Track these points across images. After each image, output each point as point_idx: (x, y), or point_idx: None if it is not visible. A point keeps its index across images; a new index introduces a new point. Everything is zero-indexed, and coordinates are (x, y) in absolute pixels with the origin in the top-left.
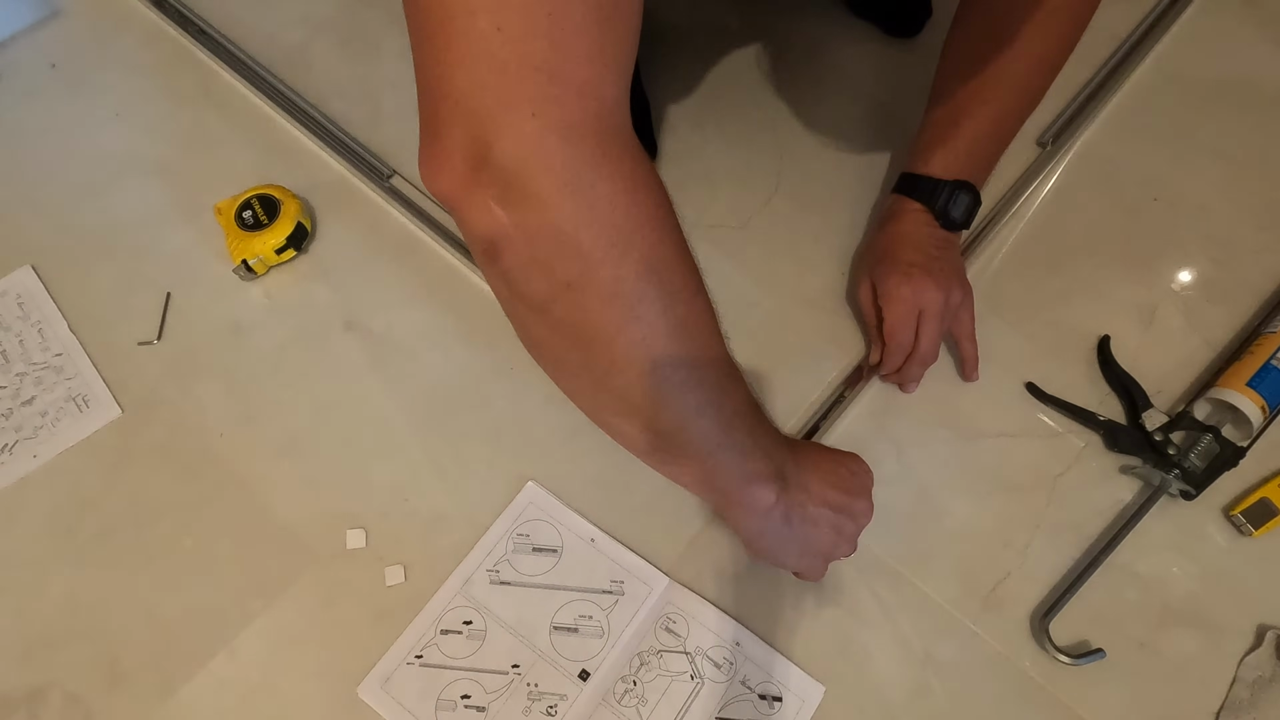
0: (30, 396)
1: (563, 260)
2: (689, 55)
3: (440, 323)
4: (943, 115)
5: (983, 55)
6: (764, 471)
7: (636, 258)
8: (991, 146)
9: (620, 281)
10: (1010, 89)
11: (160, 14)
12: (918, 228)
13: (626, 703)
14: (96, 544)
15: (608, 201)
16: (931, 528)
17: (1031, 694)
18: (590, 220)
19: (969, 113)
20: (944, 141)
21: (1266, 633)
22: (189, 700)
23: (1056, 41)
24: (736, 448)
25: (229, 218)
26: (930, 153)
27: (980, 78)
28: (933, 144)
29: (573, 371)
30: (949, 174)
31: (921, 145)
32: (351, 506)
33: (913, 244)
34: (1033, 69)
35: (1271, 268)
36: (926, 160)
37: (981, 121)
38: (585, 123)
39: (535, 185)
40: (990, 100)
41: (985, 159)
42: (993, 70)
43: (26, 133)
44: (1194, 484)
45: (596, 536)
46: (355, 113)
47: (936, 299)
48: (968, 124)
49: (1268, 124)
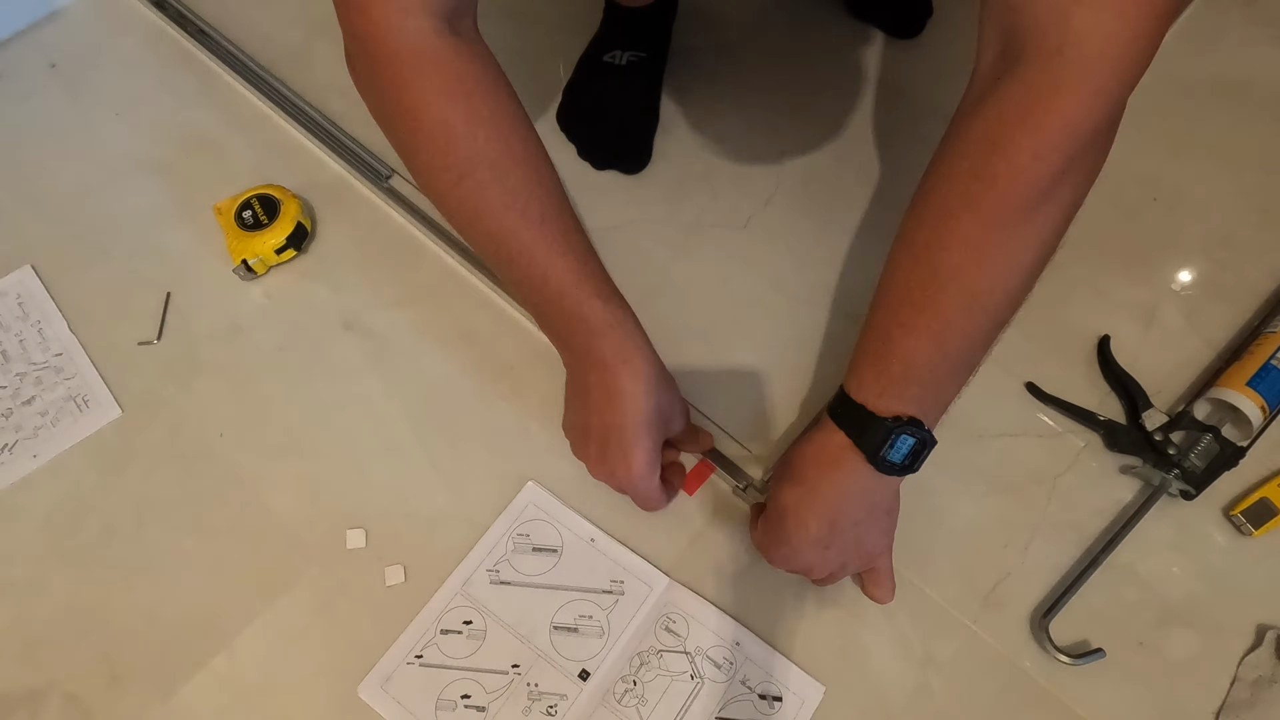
0: (30, 396)
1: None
2: (689, 56)
3: (440, 323)
4: (876, 322)
5: (913, 246)
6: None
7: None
8: (935, 371)
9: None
10: (945, 288)
11: (160, 14)
12: (847, 475)
13: (626, 703)
14: (96, 544)
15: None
16: (931, 528)
17: (1031, 694)
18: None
19: (901, 322)
20: (876, 359)
21: (1266, 633)
22: (189, 700)
23: (990, 225)
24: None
25: (229, 218)
26: (862, 373)
27: (911, 277)
28: (866, 361)
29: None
30: (885, 405)
31: (855, 359)
32: (351, 506)
33: (835, 503)
34: (966, 261)
35: (1271, 268)
36: (859, 382)
37: (918, 334)
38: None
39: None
40: (923, 307)
41: (929, 386)
42: (924, 267)
43: (26, 133)
44: (1194, 484)
45: (596, 536)
46: (355, 113)
47: (833, 568)
48: (900, 337)
49: (1268, 124)
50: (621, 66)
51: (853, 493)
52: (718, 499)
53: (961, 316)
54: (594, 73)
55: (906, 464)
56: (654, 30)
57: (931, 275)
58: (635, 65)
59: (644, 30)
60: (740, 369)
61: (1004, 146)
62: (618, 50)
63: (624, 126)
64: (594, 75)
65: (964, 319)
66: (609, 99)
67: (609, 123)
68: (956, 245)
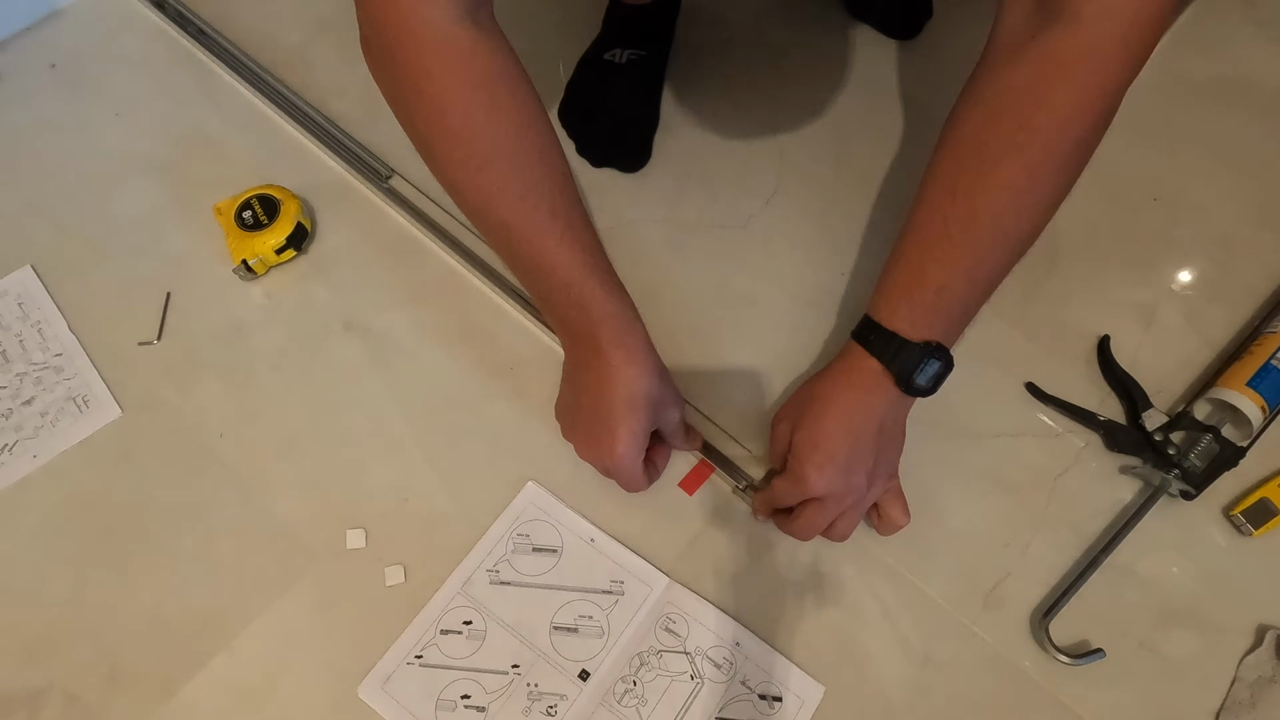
0: (30, 396)
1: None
2: (689, 56)
3: (440, 323)
4: (910, 256)
5: (954, 187)
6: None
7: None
8: (964, 300)
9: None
10: (985, 228)
11: (160, 14)
12: (874, 397)
13: (626, 703)
14: (96, 544)
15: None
16: (931, 528)
17: (1031, 694)
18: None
19: (936, 256)
20: (910, 289)
21: (1266, 633)
22: (189, 700)
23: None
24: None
25: (229, 218)
26: (895, 302)
27: (950, 215)
28: (897, 290)
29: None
30: (917, 332)
31: (885, 289)
32: (351, 506)
33: (860, 424)
34: (1008, 204)
35: (1271, 268)
36: (891, 310)
37: (952, 269)
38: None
39: None
40: (960, 243)
41: (957, 314)
42: (963, 207)
43: (26, 133)
44: (1194, 484)
45: (596, 536)
46: (355, 113)
47: (860, 493)
48: (935, 270)
49: (1268, 124)
50: (621, 65)
51: (877, 414)
52: (718, 499)
53: (994, 253)
54: (594, 70)
55: (930, 387)
56: (655, 29)
57: (971, 215)
58: (635, 63)
59: (644, 29)
60: (740, 369)
61: (1047, 100)
62: (618, 48)
63: (622, 125)
64: (594, 73)
65: (996, 255)
66: (608, 97)
67: (607, 121)
68: (998, 190)
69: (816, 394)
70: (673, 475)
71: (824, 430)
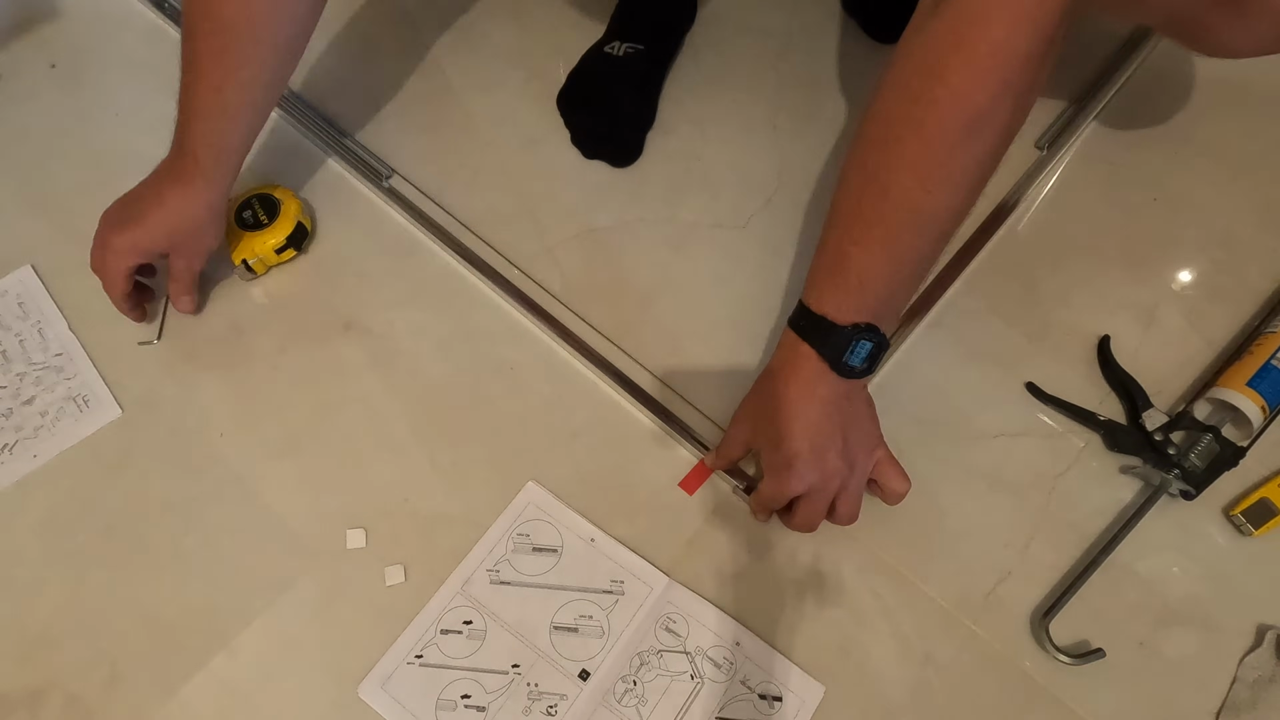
0: (30, 396)
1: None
2: (690, 56)
3: (440, 323)
4: (830, 239)
5: (864, 164)
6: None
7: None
8: (888, 280)
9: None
10: (895, 206)
11: (160, 14)
12: (818, 385)
13: (626, 703)
14: (96, 544)
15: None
16: (931, 528)
17: (1031, 694)
18: None
19: (855, 238)
20: (833, 272)
21: (1266, 633)
22: (189, 700)
23: (933, 145)
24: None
25: (229, 218)
26: (820, 286)
27: (863, 194)
28: (821, 274)
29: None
30: (844, 315)
31: (812, 273)
32: (351, 506)
33: (813, 412)
34: (913, 181)
35: (1271, 268)
36: (819, 295)
37: (870, 249)
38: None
39: None
40: (874, 222)
41: (884, 295)
42: (874, 185)
43: (26, 133)
44: (1194, 484)
45: (596, 536)
46: (355, 113)
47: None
48: (856, 253)
49: (1267, 124)
50: (619, 58)
51: (827, 399)
52: (718, 499)
53: (910, 232)
54: (594, 61)
55: (865, 368)
56: (656, 25)
57: (881, 194)
58: (633, 57)
59: (645, 24)
60: (740, 369)
61: (941, 71)
62: (617, 41)
63: (615, 118)
64: (593, 64)
65: (913, 234)
66: (602, 89)
67: (599, 113)
68: (903, 167)
69: (765, 390)
70: (673, 475)
71: (781, 428)
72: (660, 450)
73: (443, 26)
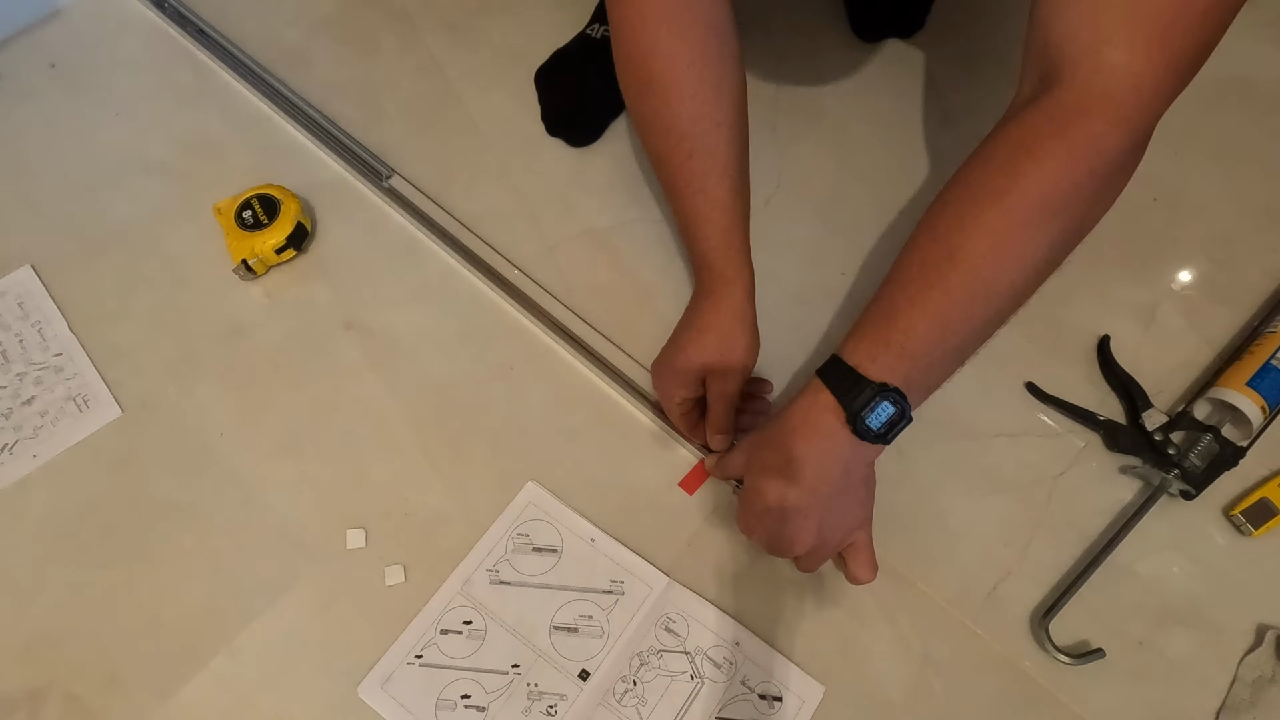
0: (30, 396)
1: None
2: None
3: (440, 323)
4: (885, 295)
5: (935, 227)
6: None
7: None
8: (930, 346)
9: None
10: (960, 272)
11: (160, 14)
12: (822, 441)
13: (626, 703)
14: (96, 544)
15: None
16: (931, 528)
17: (1031, 694)
18: None
19: (910, 296)
20: (876, 325)
21: (1266, 633)
22: (189, 700)
23: (1013, 216)
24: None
25: (229, 218)
26: (859, 337)
27: (929, 255)
28: (864, 327)
29: None
30: (876, 370)
31: (856, 326)
32: (351, 506)
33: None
34: (986, 250)
35: (1271, 268)
36: (855, 345)
37: (924, 309)
38: None
39: None
40: (934, 284)
41: (922, 361)
42: (942, 246)
43: (26, 133)
44: (1194, 484)
45: (596, 536)
46: (355, 113)
47: (805, 547)
48: (906, 309)
49: (1268, 124)
50: (596, 40)
51: (830, 457)
52: (718, 499)
53: (967, 300)
54: (575, 42)
55: (881, 432)
56: None
57: (947, 256)
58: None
59: None
60: None
61: (1034, 149)
62: (598, 24)
63: (579, 98)
64: (574, 45)
65: (969, 303)
66: (573, 69)
67: (565, 91)
68: (977, 231)
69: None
70: (673, 475)
71: (771, 472)
72: (660, 450)
73: (443, 26)
